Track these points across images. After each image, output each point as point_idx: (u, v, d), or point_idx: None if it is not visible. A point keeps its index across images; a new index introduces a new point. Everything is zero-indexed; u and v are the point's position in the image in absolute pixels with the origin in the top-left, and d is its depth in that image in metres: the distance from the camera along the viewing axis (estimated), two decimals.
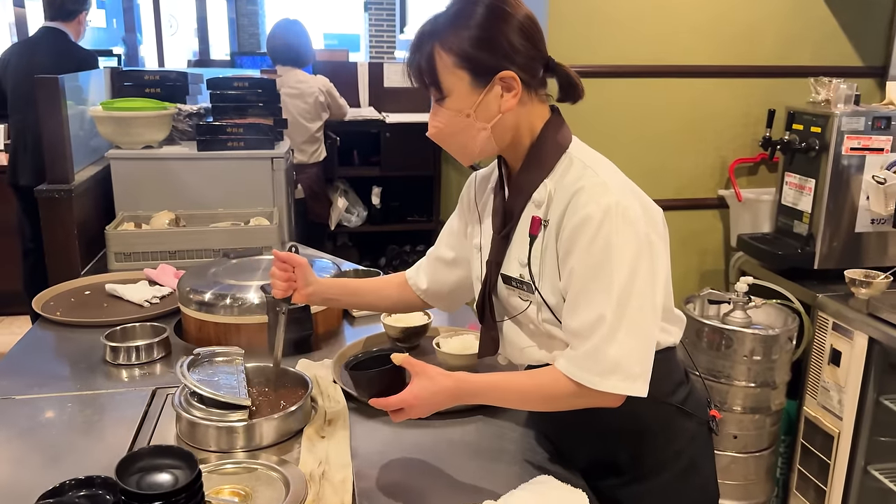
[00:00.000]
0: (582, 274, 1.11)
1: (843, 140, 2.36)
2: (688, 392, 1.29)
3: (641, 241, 1.10)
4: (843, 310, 2.26)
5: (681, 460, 1.27)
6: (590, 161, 1.17)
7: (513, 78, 1.14)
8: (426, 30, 1.17)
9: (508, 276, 1.24)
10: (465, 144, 1.21)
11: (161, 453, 0.95)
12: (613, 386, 1.09)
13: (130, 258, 2.33)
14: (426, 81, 1.18)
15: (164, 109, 2.60)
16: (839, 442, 2.27)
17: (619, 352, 1.09)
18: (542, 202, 1.18)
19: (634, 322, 1.09)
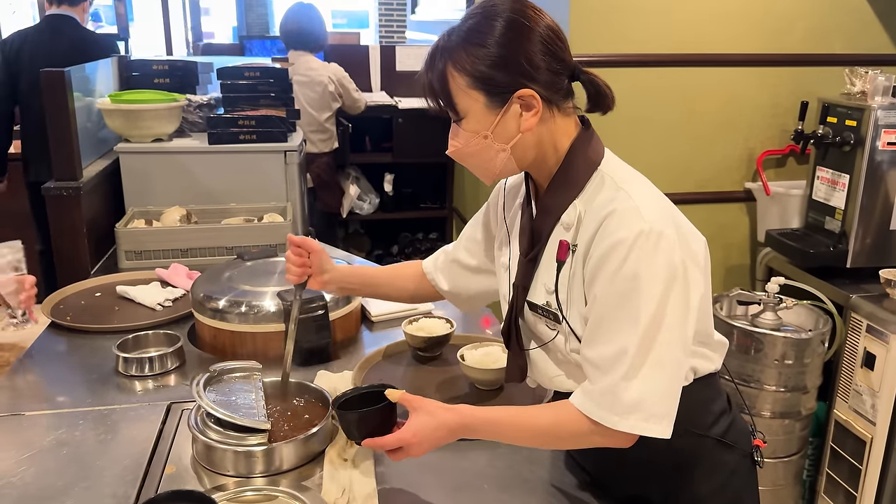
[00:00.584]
0: (606, 302, 1.03)
1: (880, 134, 2.27)
2: (730, 422, 1.21)
3: (675, 270, 1.02)
4: (877, 311, 2.18)
5: (720, 496, 1.19)
6: (623, 181, 1.09)
7: (532, 96, 1.07)
8: (439, 46, 1.10)
9: (534, 303, 1.18)
10: (484, 166, 1.15)
11: (180, 499, 0.89)
12: (632, 426, 1.02)
13: (141, 256, 2.27)
14: (441, 103, 1.11)
15: (175, 101, 2.53)
16: (872, 447, 2.20)
17: (641, 389, 1.01)
18: (572, 225, 1.11)
19: (660, 357, 1.01)
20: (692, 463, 1.17)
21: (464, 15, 1.12)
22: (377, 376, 1.57)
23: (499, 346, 1.58)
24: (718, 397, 1.21)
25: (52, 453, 1.30)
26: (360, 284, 1.49)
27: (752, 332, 2.21)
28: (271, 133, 2.62)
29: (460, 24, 1.10)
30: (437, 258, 1.47)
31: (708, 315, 1.16)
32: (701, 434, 1.16)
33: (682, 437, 1.12)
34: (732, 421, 1.22)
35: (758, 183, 2.78)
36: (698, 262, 1.08)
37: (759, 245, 2.82)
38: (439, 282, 1.44)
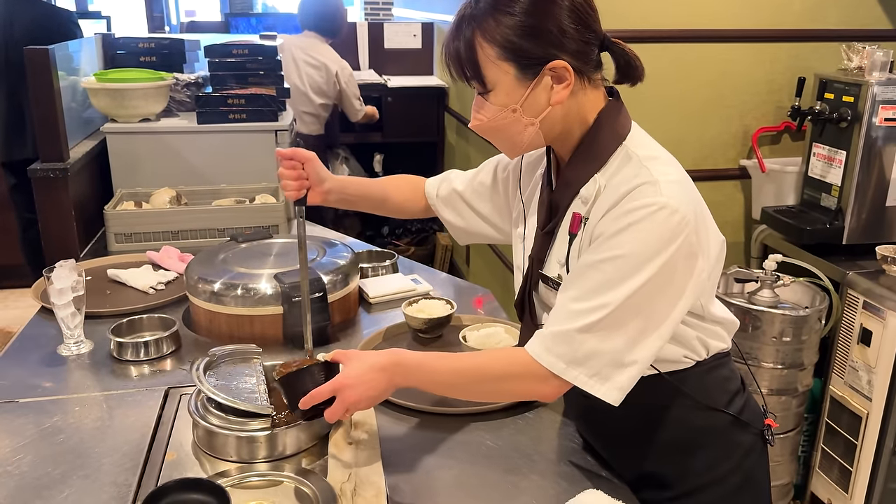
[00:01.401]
0: (595, 258, 1.02)
1: (878, 111, 2.26)
2: (744, 402, 1.21)
3: (678, 252, 0.99)
4: (874, 288, 2.18)
5: (735, 475, 1.19)
6: (648, 158, 1.06)
7: (564, 68, 1.03)
8: (465, 15, 1.06)
9: (547, 276, 1.17)
10: (511, 140, 1.12)
11: (189, 487, 0.87)
12: (574, 377, 1.01)
13: (131, 239, 2.22)
14: (467, 74, 1.07)
15: (162, 80, 2.47)
16: (868, 423, 2.21)
17: (595, 347, 1.00)
18: (590, 198, 1.08)
19: (632, 326, 1.00)
20: (708, 442, 1.17)
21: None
22: None
23: (500, 326, 1.56)
24: (733, 377, 1.22)
25: (47, 441, 1.26)
26: (358, 196, 1.43)
27: (750, 309, 2.20)
28: (261, 112, 2.57)
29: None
30: (439, 186, 1.45)
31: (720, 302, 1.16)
32: (718, 411, 1.16)
33: (701, 412, 1.13)
34: (746, 401, 1.22)
35: (753, 160, 2.77)
36: (709, 256, 1.06)
37: (754, 222, 2.82)
38: (442, 211, 1.44)
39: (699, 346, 1.15)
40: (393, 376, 1.10)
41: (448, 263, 4.45)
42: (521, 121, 1.08)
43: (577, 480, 1.17)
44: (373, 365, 1.09)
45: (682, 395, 1.15)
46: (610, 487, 1.13)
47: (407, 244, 4.67)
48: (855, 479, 2.27)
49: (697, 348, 1.15)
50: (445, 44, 1.09)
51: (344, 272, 1.71)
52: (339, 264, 1.72)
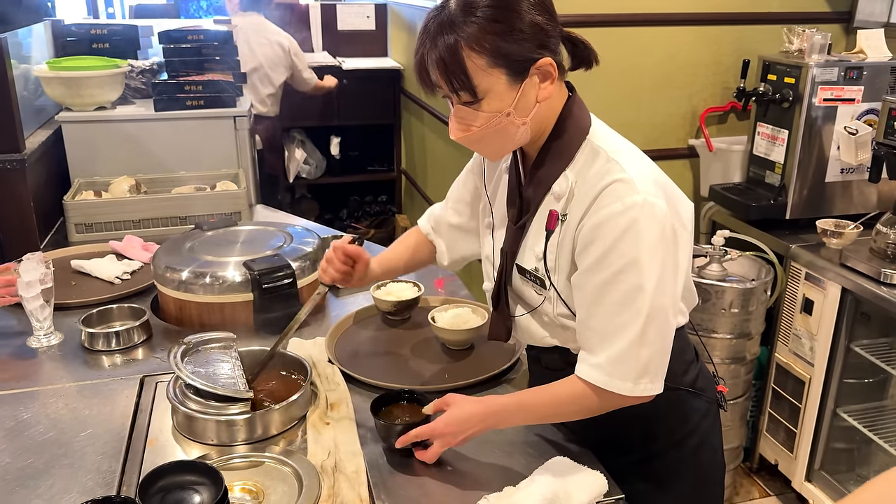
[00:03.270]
0: (606, 274, 1.06)
1: (817, 91, 2.37)
2: (698, 371, 1.28)
3: (668, 238, 1.06)
4: (815, 260, 2.30)
5: (692, 439, 1.27)
6: (614, 151, 1.10)
7: (550, 64, 1.06)
8: (442, 23, 1.04)
9: (523, 267, 1.21)
10: (501, 143, 1.13)
11: (184, 469, 0.91)
12: (644, 389, 1.08)
13: (92, 229, 2.22)
14: (455, 86, 1.05)
15: (117, 67, 2.45)
16: (810, 387, 2.35)
17: (649, 353, 1.06)
18: (563, 195, 1.12)
19: (659, 321, 1.06)
20: (667, 411, 1.23)
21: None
22: (350, 341, 1.59)
23: (468, 307, 1.62)
24: (688, 347, 1.29)
25: (27, 433, 1.28)
26: (386, 274, 1.48)
27: (701, 283, 2.31)
28: (219, 98, 2.56)
29: (456, 3, 1.04)
30: (430, 220, 1.46)
31: (689, 276, 1.22)
32: (674, 383, 1.22)
33: None
34: (700, 370, 1.30)
35: (701, 140, 2.87)
36: (685, 225, 1.13)
37: (702, 199, 2.93)
38: (438, 244, 1.45)
39: None
40: (490, 424, 1.17)
41: None
42: (514, 122, 1.08)
43: (544, 450, 1.24)
44: (472, 415, 1.15)
45: None
46: (575, 454, 1.20)
47: (366, 227, 4.69)
48: (799, 440, 2.41)
49: None
50: (420, 56, 1.06)
51: (311, 258, 1.75)
52: (305, 251, 1.76)
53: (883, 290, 2.07)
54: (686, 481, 1.29)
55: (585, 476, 1.14)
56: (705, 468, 1.31)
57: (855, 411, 2.32)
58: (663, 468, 1.27)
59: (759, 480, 2.67)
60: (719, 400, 1.31)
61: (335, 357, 1.51)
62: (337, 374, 1.44)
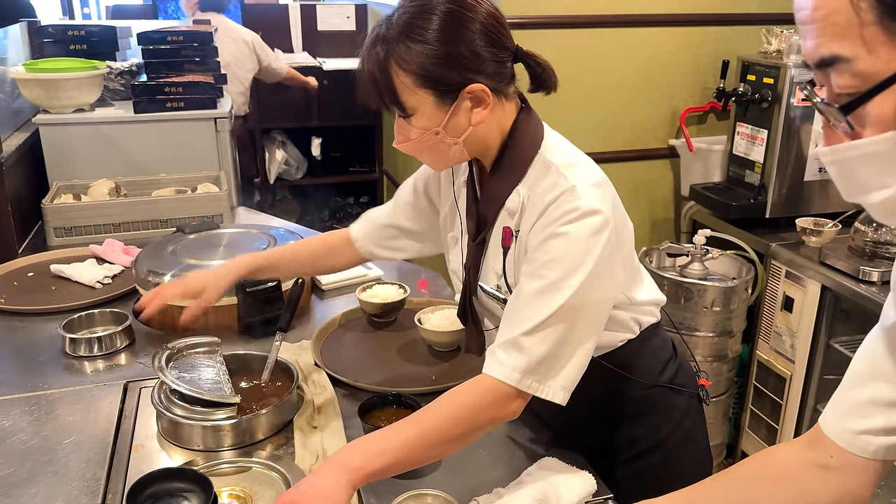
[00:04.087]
0: (531, 268, 1.05)
1: (795, 91, 2.40)
2: (677, 367, 1.29)
3: (603, 246, 1.03)
4: (795, 258, 2.33)
5: (676, 435, 1.28)
6: (564, 165, 1.09)
7: (483, 90, 1.05)
8: (379, 36, 1.05)
9: (485, 288, 1.21)
10: (436, 158, 1.15)
11: (172, 476, 0.90)
12: (529, 385, 1.03)
13: (71, 232, 2.19)
14: (385, 101, 1.07)
15: (96, 69, 2.42)
16: (791, 383, 2.37)
17: (546, 353, 1.02)
18: (516, 211, 1.12)
19: (572, 325, 1.02)
20: (649, 409, 1.25)
21: (399, 4, 1.07)
22: (336, 344, 1.59)
23: (454, 308, 1.61)
24: (665, 345, 1.30)
25: (9, 441, 1.26)
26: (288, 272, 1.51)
27: (682, 282, 2.33)
28: (200, 100, 2.54)
29: (398, 16, 1.05)
30: (365, 228, 1.43)
31: (651, 281, 1.26)
32: (653, 383, 1.25)
33: (639, 387, 1.22)
34: (679, 366, 1.30)
35: (681, 140, 2.90)
36: (623, 246, 1.11)
37: (682, 199, 2.95)
38: (377, 252, 1.43)
39: (633, 324, 1.23)
40: (345, 463, 0.98)
41: None
42: (444, 141, 1.09)
43: (533, 452, 1.24)
44: (318, 467, 1.00)
45: (622, 373, 1.23)
46: (563, 455, 1.21)
47: None
48: (781, 437, 2.44)
49: (632, 327, 1.23)
50: (359, 70, 1.08)
51: None
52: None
53: (861, 287, 2.10)
54: (673, 478, 1.27)
55: (574, 476, 1.14)
56: (691, 463, 1.32)
57: None
58: (650, 467, 1.27)
59: None
60: (701, 394, 1.32)
61: (321, 360, 1.50)
62: (323, 377, 1.43)
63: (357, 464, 0.97)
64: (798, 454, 0.87)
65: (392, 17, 1.06)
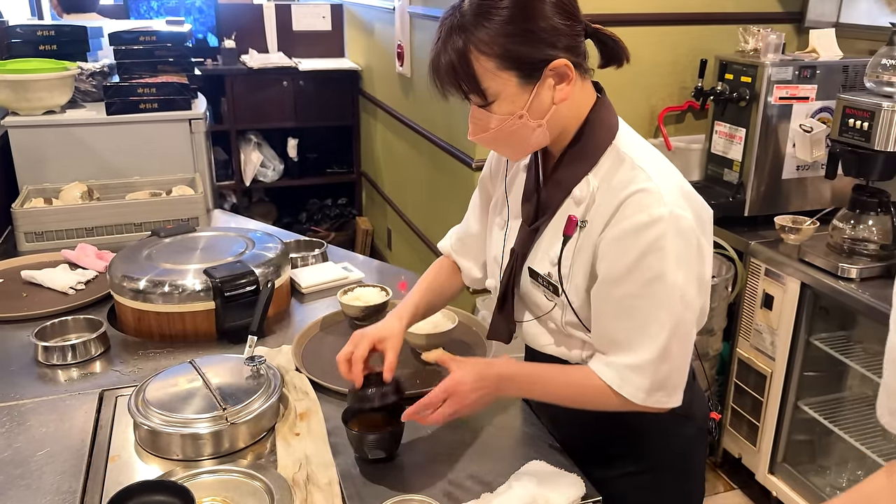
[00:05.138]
0: (633, 288, 1.03)
1: (773, 90, 2.41)
2: (692, 395, 1.20)
3: (693, 251, 1.03)
4: (774, 256, 2.34)
5: (675, 464, 1.25)
6: (640, 159, 1.05)
7: (566, 65, 1.03)
8: (453, 26, 1.03)
9: (536, 271, 1.17)
10: (519, 144, 1.11)
11: (152, 488, 0.87)
12: (657, 401, 1.07)
13: (42, 237, 2.14)
14: (465, 90, 1.04)
15: (66, 70, 2.36)
16: (772, 380, 2.38)
17: (668, 369, 1.05)
18: (583, 200, 1.08)
19: (683, 337, 1.04)
20: (653, 432, 1.20)
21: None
22: (316, 348, 1.56)
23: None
24: None
25: None
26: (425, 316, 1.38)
27: None
28: (174, 101, 2.51)
29: (468, 2, 1.03)
30: (451, 239, 1.42)
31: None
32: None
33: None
34: (694, 394, 1.23)
35: (659, 139, 2.90)
36: (707, 234, 1.09)
37: None
38: (461, 262, 1.39)
39: None
40: (502, 389, 1.13)
41: (370, 247, 4.46)
42: (528, 125, 1.06)
43: (521, 455, 1.22)
44: (485, 375, 1.11)
45: None
46: (551, 458, 1.19)
47: (327, 230, 4.64)
48: (762, 434, 2.45)
49: None
50: (432, 59, 1.06)
51: (275, 264, 1.71)
52: (268, 256, 1.72)
53: (840, 284, 2.12)
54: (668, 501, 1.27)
55: (563, 479, 1.13)
56: (684, 495, 1.28)
57: (815, 403, 2.36)
58: (642, 488, 1.23)
59: (723, 474, 2.70)
60: (710, 427, 1.28)
61: (303, 365, 1.47)
62: (305, 382, 1.40)
63: (507, 391, 1.16)
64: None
65: (461, 5, 1.04)
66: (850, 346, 2.30)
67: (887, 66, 2.12)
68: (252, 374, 1.35)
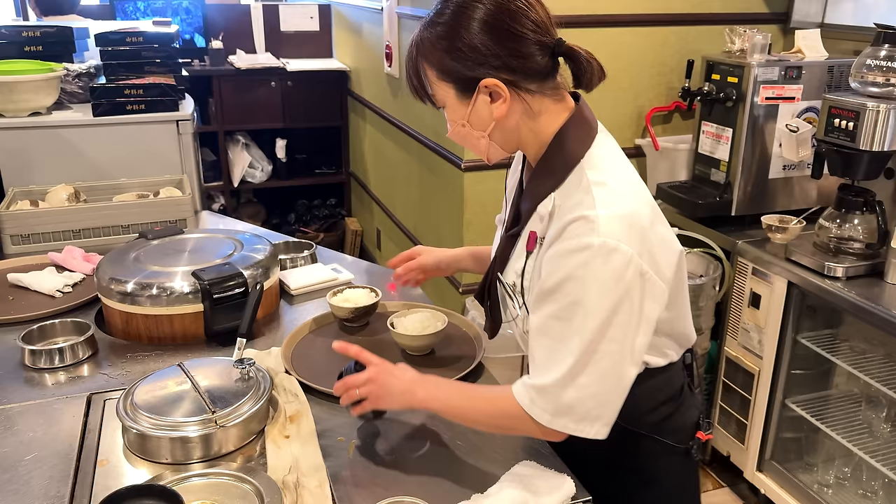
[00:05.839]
0: (553, 307, 1.04)
1: (759, 90, 2.42)
2: (670, 412, 1.21)
3: (625, 284, 1.00)
4: (761, 255, 2.36)
5: (661, 484, 1.24)
6: (598, 182, 1.04)
7: (496, 85, 1.05)
8: (413, 40, 1.11)
9: (504, 280, 1.22)
10: (476, 149, 1.17)
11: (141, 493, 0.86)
12: (563, 426, 1.06)
13: (29, 240, 2.12)
14: (420, 95, 1.14)
15: (52, 71, 2.35)
16: (759, 379, 2.40)
17: (574, 396, 1.03)
18: (545, 217, 1.10)
19: (600, 368, 1.02)
20: (621, 449, 1.19)
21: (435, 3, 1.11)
22: (306, 350, 1.56)
23: (428, 311, 1.60)
24: (667, 386, 1.21)
25: None
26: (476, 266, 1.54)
27: None
28: (161, 102, 2.49)
29: (431, 15, 1.09)
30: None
31: (686, 317, 1.20)
32: (631, 427, 1.18)
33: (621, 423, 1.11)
34: (675, 412, 1.22)
35: (647, 139, 2.91)
36: (663, 272, 1.05)
37: None
38: None
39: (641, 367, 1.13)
40: (417, 388, 1.18)
41: (359, 248, 4.45)
42: (472, 133, 1.12)
43: (511, 455, 1.22)
44: (405, 368, 1.21)
45: None
46: (541, 458, 1.19)
47: (315, 231, 4.63)
48: (750, 432, 2.47)
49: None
50: (405, 64, 1.16)
51: (264, 266, 1.70)
52: (257, 258, 1.71)
53: (827, 282, 2.14)
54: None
55: (553, 480, 1.13)
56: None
57: (802, 401, 2.38)
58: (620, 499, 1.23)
59: (712, 472, 2.72)
60: (690, 447, 1.23)
61: (292, 367, 1.47)
62: (295, 384, 1.40)
63: (422, 395, 1.17)
64: None
65: (424, 19, 1.11)
66: (836, 344, 2.32)
67: (872, 67, 2.14)
68: (241, 377, 1.34)
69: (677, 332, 1.19)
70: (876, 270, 2.15)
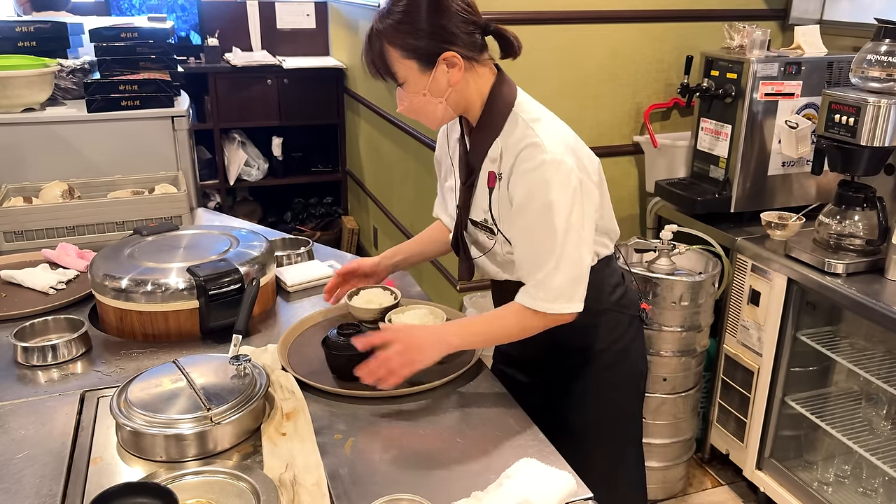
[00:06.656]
0: (527, 220, 1.33)
1: (758, 86, 2.41)
2: (623, 292, 1.55)
3: (574, 187, 1.30)
4: (761, 252, 2.34)
5: (617, 345, 1.56)
6: (532, 120, 1.35)
7: (454, 56, 1.32)
8: (373, 27, 1.33)
9: (475, 220, 1.47)
10: (429, 116, 1.41)
11: (135, 490, 0.85)
12: (560, 308, 1.33)
13: (22, 237, 2.10)
14: (382, 74, 1.35)
15: (46, 67, 2.33)
16: (759, 376, 2.39)
17: (561, 280, 1.32)
18: (496, 158, 1.38)
19: (571, 256, 1.31)
20: (597, 324, 1.52)
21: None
22: (302, 347, 1.54)
23: (426, 308, 1.58)
24: (614, 273, 1.56)
25: None
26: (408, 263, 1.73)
27: (650, 277, 2.33)
28: (156, 98, 2.47)
29: (389, 6, 1.32)
30: (436, 205, 1.72)
31: (610, 215, 1.49)
32: (602, 302, 1.50)
33: (590, 305, 1.41)
34: (625, 291, 1.57)
35: (645, 136, 2.90)
36: (592, 178, 1.38)
37: (648, 195, 2.96)
38: (445, 221, 1.68)
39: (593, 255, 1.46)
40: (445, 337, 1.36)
41: (356, 246, 4.43)
42: (431, 101, 1.36)
43: (511, 453, 1.21)
44: (420, 328, 1.40)
45: None
46: (541, 454, 1.18)
47: (312, 229, 4.60)
48: (749, 430, 2.46)
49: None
50: (362, 54, 1.37)
51: (260, 262, 1.68)
52: (252, 254, 1.69)
53: (827, 279, 2.12)
54: (608, 384, 1.57)
55: (554, 477, 1.12)
56: (626, 371, 1.59)
57: (802, 399, 2.37)
58: (593, 371, 1.54)
59: (710, 470, 2.71)
60: (642, 316, 1.61)
61: (289, 364, 1.45)
62: (291, 381, 1.38)
63: (455, 340, 1.36)
64: None
65: (383, 10, 1.33)
66: (836, 341, 2.31)
67: (872, 62, 2.13)
68: (237, 374, 1.33)
69: (608, 228, 1.50)
70: (876, 267, 2.14)
